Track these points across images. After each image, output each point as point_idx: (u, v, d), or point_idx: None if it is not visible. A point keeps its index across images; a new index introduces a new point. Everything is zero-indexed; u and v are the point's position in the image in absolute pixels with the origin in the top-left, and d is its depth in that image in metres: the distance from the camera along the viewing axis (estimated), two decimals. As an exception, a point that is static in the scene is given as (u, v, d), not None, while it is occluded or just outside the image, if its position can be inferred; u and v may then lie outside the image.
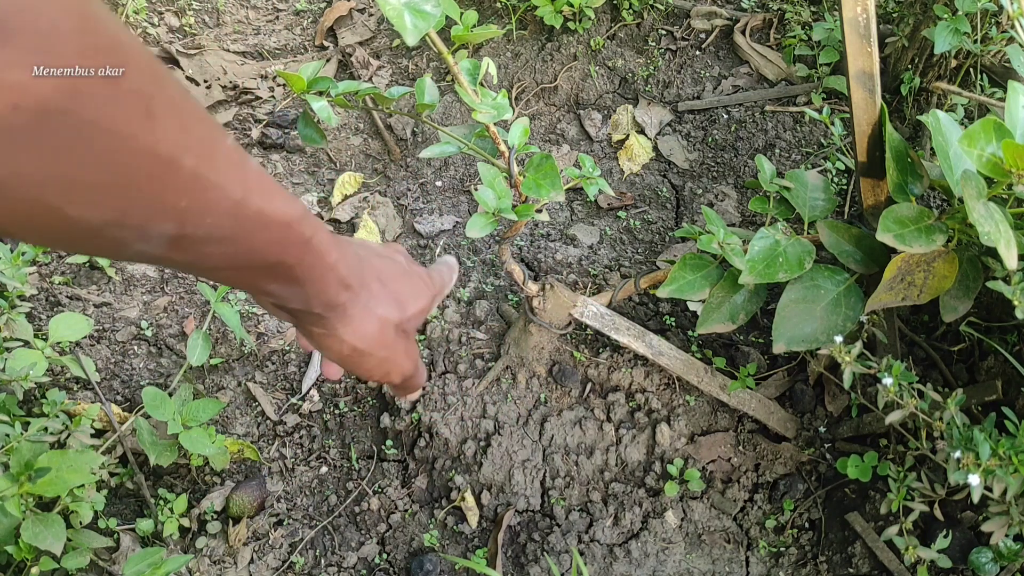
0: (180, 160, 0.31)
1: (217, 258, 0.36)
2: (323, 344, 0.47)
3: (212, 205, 0.34)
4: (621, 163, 1.80)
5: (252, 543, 1.28)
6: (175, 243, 0.34)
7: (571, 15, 1.89)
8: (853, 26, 1.04)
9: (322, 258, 0.42)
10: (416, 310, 0.51)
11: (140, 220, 0.31)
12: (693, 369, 1.31)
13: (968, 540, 1.16)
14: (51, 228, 0.30)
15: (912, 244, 0.99)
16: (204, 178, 0.33)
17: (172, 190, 0.32)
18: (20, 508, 1.01)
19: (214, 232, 0.35)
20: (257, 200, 0.36)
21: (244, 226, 0.36)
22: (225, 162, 0.34)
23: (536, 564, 1.24)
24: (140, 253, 0.33)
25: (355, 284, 0.45)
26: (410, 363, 0.51)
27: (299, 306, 0.43)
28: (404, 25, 0.71)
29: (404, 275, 0.51)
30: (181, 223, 0.33)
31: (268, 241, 0.38)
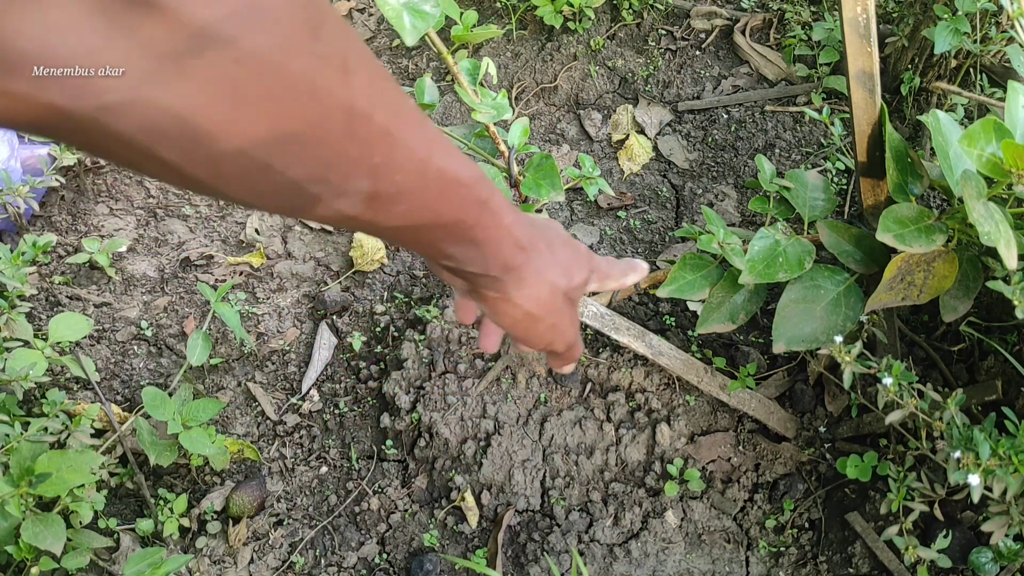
0: (373, 115, 0.32)
1: (402, 216, 0.37)
2: (497, 309, 0.47)
3: (401, 162, 0.35)
4: (621, 163, 1.80)
5: (252, 543, 1.28)
6: (369, 200, 0.35)
7: (571, 15, 1.89)
8: (853, 26, 1.04)
9: (499, 219, 0.43)
10: (580, 280, 0.51)
11: (339, 176, 0.33)
12: (693, 369, 1.31)
13: (968, 540, 1.16)
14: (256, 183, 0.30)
15: (912, 244, 0.99)
16: (393, 135, 0.34)
17: (366, 145, 0.33)
18: (20, 508, 1.01)
19: (402, 189, 0.36)
20: (440, 159, 0.37)
21: (428, 184, 0.37)
22: (410, 120, 0.35)
23: (536, 564, 1.24)
24: (336, 212, 0.34)
25: (528, 247, 0.46)
26: (573, 331, 0.52)
27: (477, 269, 0.44)
28: (403, 25, 0.72)
29: (566, 244, 0.52)
30: (375, 179, 0.34)
31: (449, 200, 0.39)
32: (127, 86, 0.25)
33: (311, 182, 0.32)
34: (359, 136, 0.32)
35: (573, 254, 0.52)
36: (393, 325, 1.50)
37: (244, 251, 1.65)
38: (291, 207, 0.34)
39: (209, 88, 0.26)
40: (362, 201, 0.35)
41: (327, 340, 1.51)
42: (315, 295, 1.58)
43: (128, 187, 1.71)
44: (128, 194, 1.70)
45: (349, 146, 0.32)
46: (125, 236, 1.63)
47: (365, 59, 0.32)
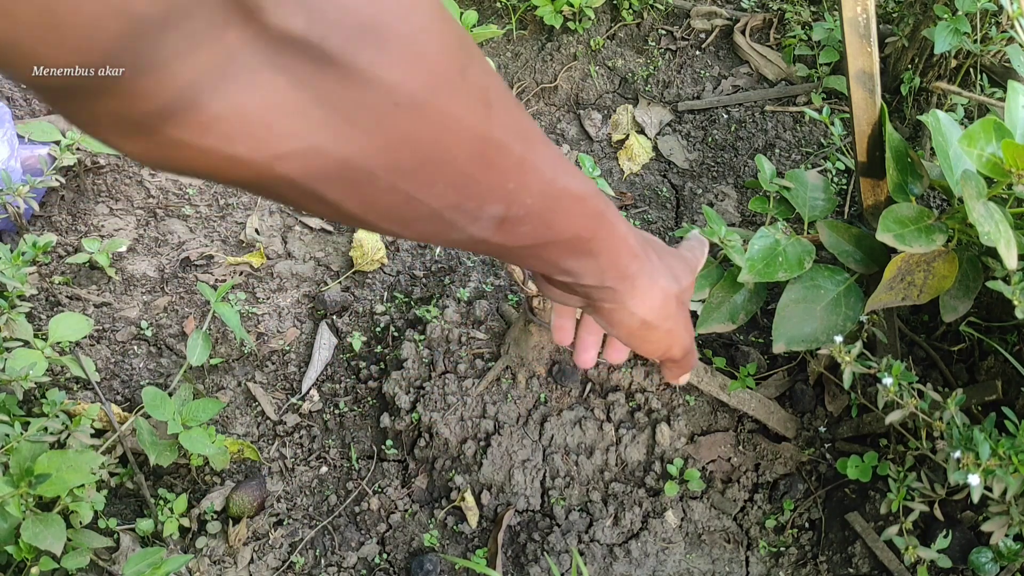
0: (510, 145, 0.34)
1: (527, 236, 0.39)
2: (614, 319, 0.48)
3: (531, 186, 0.36)
4: (621, 163, 1.80)
5: (252, 543, 1.28)
6: (500, 224, 0.36)
7: (571, 15, 1.89)
8: (853, 26, 1.04)
9: (614, 229, 0.44)
10: (688, 282, 0.52)
11: (476, 203, 0.34)
12: (693, 369, 1.31)
13: (968, 540, 1.16)
14: (402, 213, 0.32)
15: (912, 244, 0.99)
16: (527, 161, 0.35)
17: (503, 173, 0.34)
18: (20, 508, 1.01)
19: (531, 211, 0.37)
20: (563, 179, 0.39)
21: (552, 203, 0.39)
22: (539, 145, 0.37)
23: (536, 564, 1.24)
24: (469, 236, 0.36)
25: (641, 255, 0.47)
26: (689, 337, 0.53)
27: (593, 281, 0.45)
28: (404, 25, 0.71)
29: (671, 250, 0.53)
30: (508, 204, 0.36)
31: (570, 216, 0.40)
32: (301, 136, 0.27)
33: (450, 209, 0.34)
34: (497, 165, 0.34)
35: (677, 258, 0.53)
36: (393, 325, 1.50)
37: (244, 251, 1.65)
38: (428, 234, 0.35)
39: (371, 133, 0.28)
40: (493, 225, 0.36)
41: (327, 340, 1.51)
42: (315, 295, 1.58)
43: (128, 187, 1.71)
44: (128, 194, 1.70)
45: (487, 175, 0.34)
46: (125, 236, 1.62)
47: (502, 91, 0.34)
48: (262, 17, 0.25)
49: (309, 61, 0.26)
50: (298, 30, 0.25)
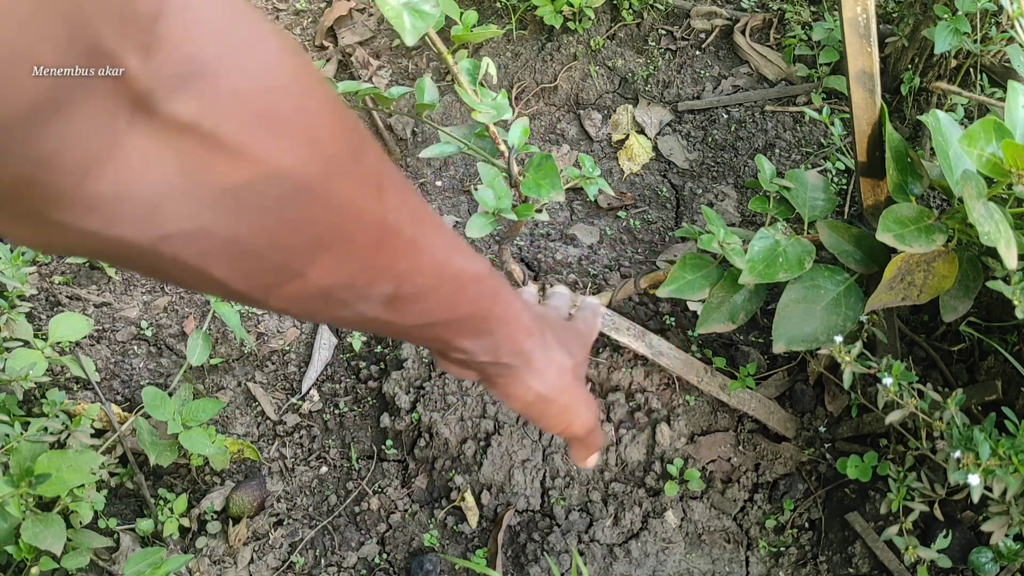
0: (402, 228, 0.35)
1: (420, 315, 0.39)
2: (510, 394, 0.49)
3: (423, 266, 0.37)
4: (621, 163, 1.80)
5: (252, 543, 1.28)
6: (389, 302, 0.37)
7: (571, 15, 1.89)
8: (853, 26, 1.04)
9: (509, 307, 0.45)
10: (581, 357, 0.53)
11: (365, 282, 0.35)
12: (693, 369, 1.31)
13: (968, 540, 1.16)
14: (291, 292, 0.33)
15: (912, 244, 0.99)
16: (419, 242, 0.36)
17: (394, 254, 0.35)
18: (20, 508, 1.01)
19: (422, 290, 0.38)
20: (457, 259, 0.40)
21: (445, 283, 0.39)
22: (431, 226, 0.38)
23: (536, 564, 1.24)
24: (357, 314, 0.36)
25: (536, 331, 0.48)
26: (590, 413, 0.53)
27: (488, 358, 0.45)
28: (403, 25, 0.72)
29: (565, 324, 0.54)
30: (398, 283, 0.36)
31: (464, 295, 0.41)
32: (188, 217, 0.28)
33: (340, 288, 0.34)
34: (388, 247, 0.35)
35: (570, 332, 0.54)
36: (393, 325, 1.50)
37: (244, 251, 1.65)
38: (317, 311, 0.36)
39: (262, 215, 0.29)
40: (383, 303, 0.37)
41: (327, 340, 1.51)
42: (315, 295, 1.58)
43: (128, 187, 1.70)
44: (128, 194, 1.70)
45: (379, 256, 0.35)
46: (125, 236, 1.62)
47: (395, 175, 0.35)
48: (153, 103, 0.25)
49: (200, 146, 0.26)
50: (189, 117, 0.26)
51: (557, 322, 0.53)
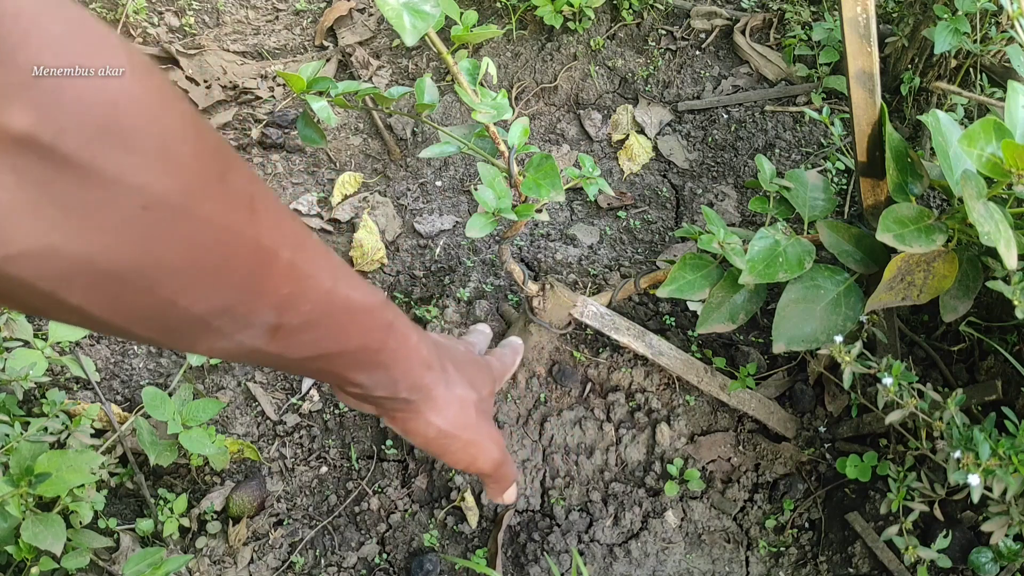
0: (279, 251, 0.34)
1: (308, 346, 0.38)
2: (409, 429, 0.47)
3: (307, 293, 0.36)
4: (621, 163, 1.80)
5: (252, 543, 1.28)
6: (273, 332, 0.35)
7: (571, 15, 1.89)
8: (853, 26, 1.04)
9: (405, 340, 0.43)
10: (487, 391, 0.52)
11: (244, 309, 0.34)
12: (693, 369, 1.31)
13: (968, 540, 1.16)
14: (161, 320, 0.31)
15: (912, 244, 0.99)
16: (299, 268, 0.35)
17: (273, 279, 0.34)
18: (20, 508, 1.01)
19: (309, 319, 0.37)
20: (344, 288, 0.38)
21: (334, 312, 0.38)
22: (314, 253, 0.37)
23: (536, 564, 1.24)
24: (239, 344, 0.35)
25: (436, 365, 0.46)
26: (496, 448, 0.51)
27: (385, 393, 0.44)
28: (403, 25, 0.71)
29: (471, 359, 0.53)
30: (280, 311, 0.35)
31: (356, 326, 0.40)
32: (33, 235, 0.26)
33: (215, 315, 0.32)
34: (265, 271, 0.33)
35: (476, 367, 0.52)
36: (393, 325, 1.50)
37: (244, 251, 1.65)
38: (194, 342, 0.34)
39: (118, 235, 0.27)
40: (266, 333, 0.35)
41: (327, 340, 1.50)
42: (315, 295, 1.58)
43: (128, 187, 1.70)
44: (128, 194, 1.70)
45: (255, 281, 0.33)
46: (125, 236, 1.62)
47: (270, 199, 0.34)
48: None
49: (41, 160, 0.25)
50: (25, 128, 0.24)
51: (463, 356, 0.52)
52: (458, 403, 0.48)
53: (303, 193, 1.75)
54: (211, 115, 1.87)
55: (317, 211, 1.73)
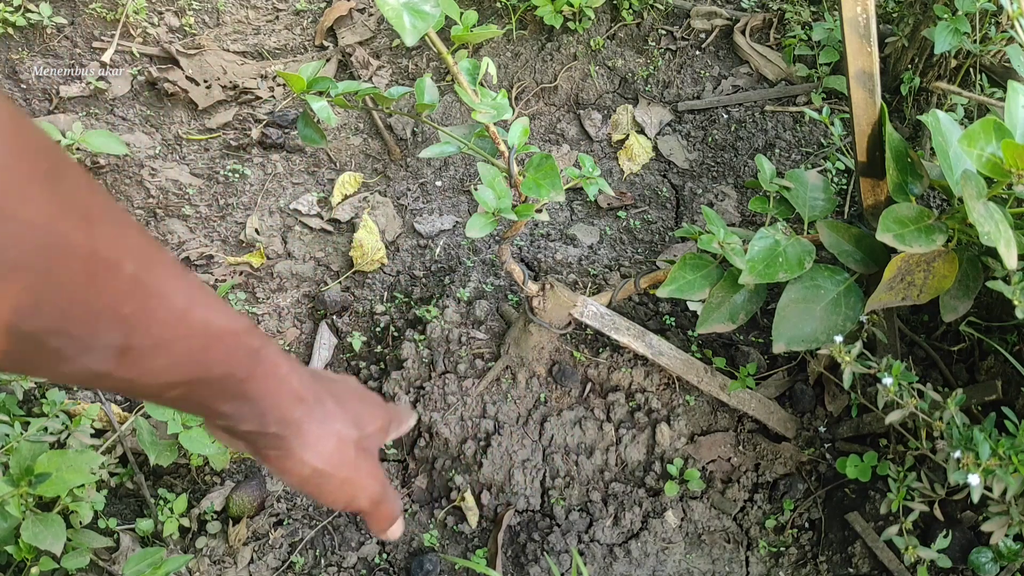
0: (120, 264, 0.31)
1: (164, 372, 0.35)
2: (282, 468, 0.44)
3: (156, 313, 0.33)
4: (621, 163, 1.80)
5: (252, 543, 1.28)
6: (121, 355, 0.33)
7: (571, 15, 1.89)
8: (853, 26, 1.04)
9: (274, 369, 0.41)
10: (374, 428, 0.49)
11: (83, 328, 0.31)
12: (693, 369, 1.31)
13: (968, 540, 1.16)
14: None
15: (912, 244, 0.99)
16: (146, 284, 0.32)
17: (114, 294, 0.31)
18: (20, 508, 1.01)
19: (160, 342, 0.34)
20: (201, 310, 0.36)
21: (191, 335, 0.35)
22: (165, 270, 0.34)
23: (536, 564, 1.24)
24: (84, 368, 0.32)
25: (310, 398, 0.43)
26: (376, 484, 0.48)
27: (253, 427, 0.41)
28: (403, 25, 0.71)
29: (358, 395, 0.50)
30: (126, 332, 0.32)
31: (216, 351, 0.37)
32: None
33: (50, 335, 0.30)
34: (104, 285, 0.31)
35: (364, 403, 0.50)
36: (393, 325, 1.50)
37: (244, 251, 1.65)
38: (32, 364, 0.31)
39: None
40: (114, 356, 0.32)
41: (327, 340, 1.50)
42: (315, 295, 1.58)
43: (128, 187, 1.71)
44: (128, 194, 1.70)
45: (92, 296, 0.30)
46: (125, 236, 1.62)
47: (112, 210, 0.32)
48: None
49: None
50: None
51: (347, 391, 0.48)
52: (335, 439, 0.45)
53: (303, 193, 1.76)
54: (211, 115, 1.87)
55: (317, 211, 1.73)
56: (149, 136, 1.82)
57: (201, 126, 1.86)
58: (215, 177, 1.76)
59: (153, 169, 1.74)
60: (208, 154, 1.81)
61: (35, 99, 1.84)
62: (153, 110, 1.87)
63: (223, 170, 1.77)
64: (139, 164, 1.74)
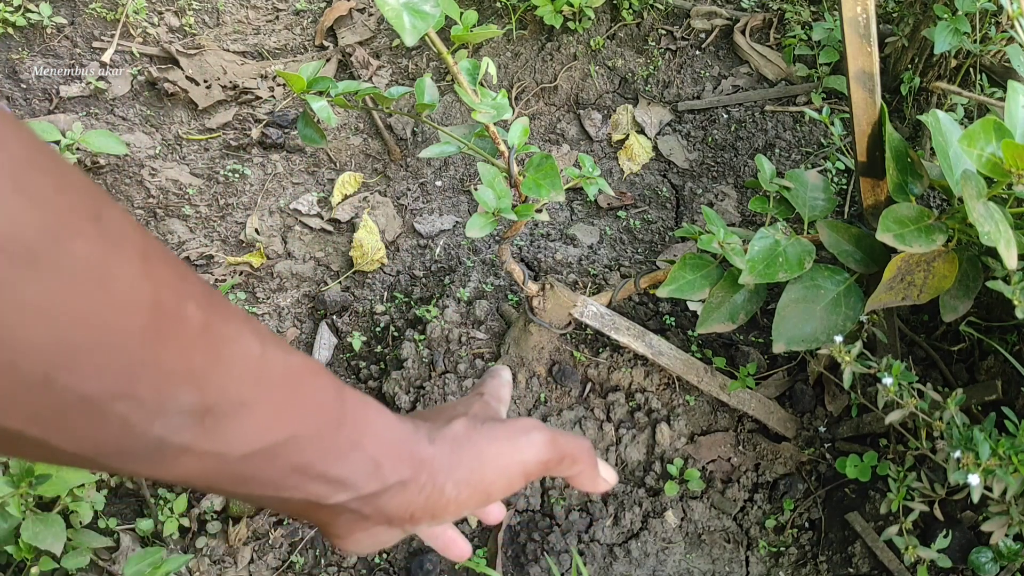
0: (184, 308, 0.27)
1: (255, 435, 0.30)
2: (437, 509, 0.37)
3: (233, 361, 0.29)
4: (621, 163, 1.80)
5: (252, 543, 1.28)
6: (201, 418, 0.28)
7: (571, 15, 1.89)
8: (853, 26, 1.04)
9: (364, 404, 0.35)
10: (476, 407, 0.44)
11: (151, 388, 0.26)
12: (693, 369, 1.31)
13: (968, 540, 1.16)
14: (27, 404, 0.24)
15: (912, 244, 0.99)
16: (215, 330, 0.28)
17: (180, 344, 0.27)
18: (20, 508, 1.01)
19: (244, 397, 0.29)
20: (278, 351, 0.31)
21: (275, 384, 0.30)
22: (231, 312, 0.29)
23: (536, 564, 1.24)
24: (158, 441, 0.27)
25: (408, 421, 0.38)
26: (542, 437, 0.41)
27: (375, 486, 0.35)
28: (403, 25, 0.71)
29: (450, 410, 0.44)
30: (202, 387, 0.27)
31: (305, 397, 0.32)
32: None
33: (113, 398, 0.25)
34: (167, 332, 0.26)
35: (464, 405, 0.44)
36: (393, 325, 1.50)
37: (244, 251, 1.65)
38: (94, 442, 0.26)
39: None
40: (192, 420, 0.27)
41: (327, 340, 1.50)
42: (315, 295, 1.58)
43: (128, 187, 1.71)
44: (128, 194, 1.70)
45: (158, 348, 0.26)
46: (125, 236, 1.62)
47: (166, 251, 0.28)
48: None
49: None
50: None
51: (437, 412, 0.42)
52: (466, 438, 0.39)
53: (303, 193, 1.75)
54: (211, 115, 1.87)
55: (317, 211, 1.73)
56: (149, 136, 1.82)
57: (201, 126, 1.86)
58: (215, 177, 1.76)
59: (153, 169, 1.74)
60: (208, 154, 1.81)
61: (35, 99, 1.84)
62: (153, 110, 1.87)
63: (223, 170, 1.77)
64: (139, 164, 1.74)
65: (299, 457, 0.32)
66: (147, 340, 0.25)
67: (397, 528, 0.37)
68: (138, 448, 0.27)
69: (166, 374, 0.26)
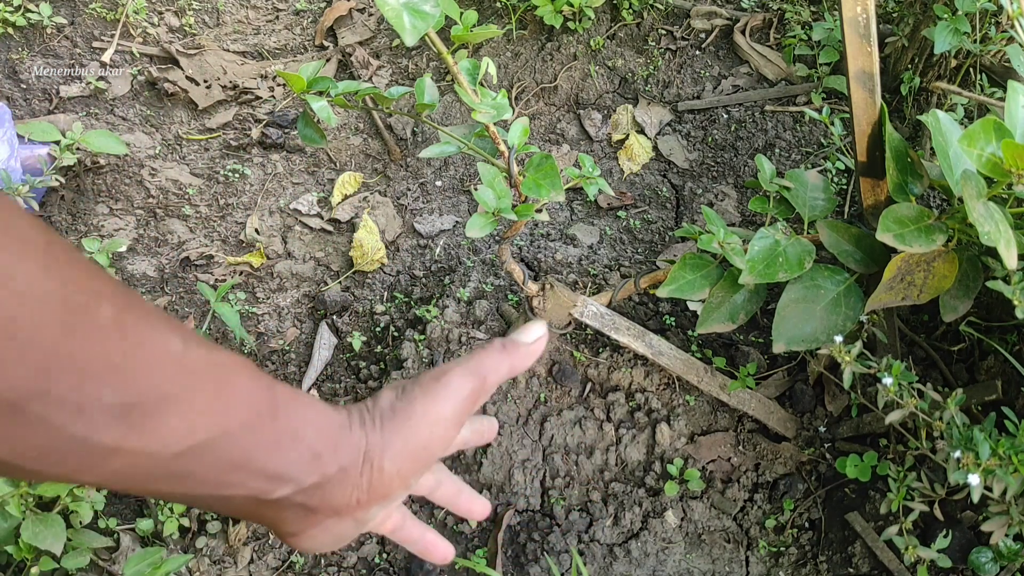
0: (94, 304, 0.26)
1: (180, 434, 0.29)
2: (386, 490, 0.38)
3: (151, 357, 0.28)
4: (621, 163, 1.80)
5: (252, 543, 1.28)
6: (124, 415, 0.27)
7: (571, 15, 1.89)
8: (853, 26, 1.04)
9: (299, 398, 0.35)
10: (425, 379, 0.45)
11: (66, 386, 0.25)
12: (693, 369, 1.31)
13: (968, 540, 1.16)
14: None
15: (912, 244, 0.99)
16: (129, 326, 0.27)
17: (93, 339, 0.26)
18: (20, 508, 1.01)
19: (167, 393, 0.28)
20: (201, 348, 0.30)
21: (199, 380, 0.30)
22: (148, 312, 0.29)
23: (536, 564, 1.24)
24: (84, 439, 0.26)
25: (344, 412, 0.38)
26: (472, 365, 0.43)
27: (315, 477, 0.34)
28: (403, 25, 0.71)
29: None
30: (122, 386, 0.27)
31: (234, 393, 0.31)
32: None
33: (29, 397, 0.25)
34: (81, 331, 0.26)
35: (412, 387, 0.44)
36: (393, 325, 1.50)
37: (244, 251, 1.65)
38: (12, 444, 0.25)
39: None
40: (116, 418, 0.27)
41: (327, 340, 1.50)
42: (315, 295, 1.58)
43: (128, 187, 1.71)
44: (128, 194, 1.70)
45: (71, 344, 0.25)
46: (125, 236, 1.62)
47: (72, 251, 0.27)
48: None
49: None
50: None
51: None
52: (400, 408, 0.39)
53: (303, 193, 1.75)
54: (211, 115, 1.87)
55: (317, 211, 1.73)
56: (149, 136, 1.82)
57: (201, 126, 1.86)
58: (215, 177, 1.76)
59: (153, 169, 1.74)
60: (208, 154, 1.81)
61: (35, 99, 1.84)
62: (153, 110, 1.87)
63: (223, 170, 1.77)
64: (139, 164, 1.74)
65: (235, 452, 0.31)
66: (58, 336, 0.25)
67: (348, 518, 0.37)
68: (63, 450, 0.26)
69: (82, 370, 0.26)
